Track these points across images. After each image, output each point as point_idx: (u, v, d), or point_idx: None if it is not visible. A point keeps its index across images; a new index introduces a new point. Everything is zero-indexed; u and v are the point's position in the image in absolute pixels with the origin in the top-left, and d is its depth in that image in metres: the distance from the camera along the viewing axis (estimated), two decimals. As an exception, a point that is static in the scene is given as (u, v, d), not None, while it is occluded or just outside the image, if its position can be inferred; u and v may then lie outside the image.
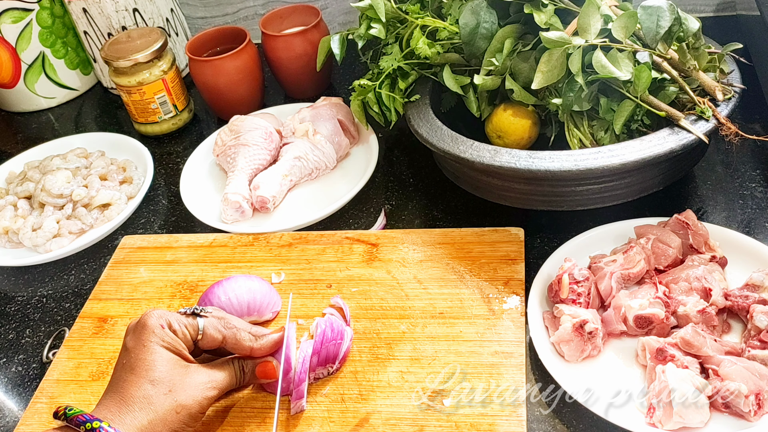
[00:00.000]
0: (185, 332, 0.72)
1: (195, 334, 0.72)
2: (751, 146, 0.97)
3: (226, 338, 0.74)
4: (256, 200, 1.00)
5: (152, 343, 0.69)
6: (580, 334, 0.74)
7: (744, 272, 0.79)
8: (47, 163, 1.14)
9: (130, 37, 1.20)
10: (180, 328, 0.71)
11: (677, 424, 0.67)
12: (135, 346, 0.70)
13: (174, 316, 0.72)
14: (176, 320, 0.72)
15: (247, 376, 0.75)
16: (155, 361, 0.68)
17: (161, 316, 0.71)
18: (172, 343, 0.70)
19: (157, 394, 0.67)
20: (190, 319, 0.73)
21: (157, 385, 0.68)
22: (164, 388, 0.68)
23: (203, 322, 0.73)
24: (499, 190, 0.91)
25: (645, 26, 0.84)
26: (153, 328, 0.70)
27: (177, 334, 0.71)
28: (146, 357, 0.69)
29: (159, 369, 0.68)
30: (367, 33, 1.01)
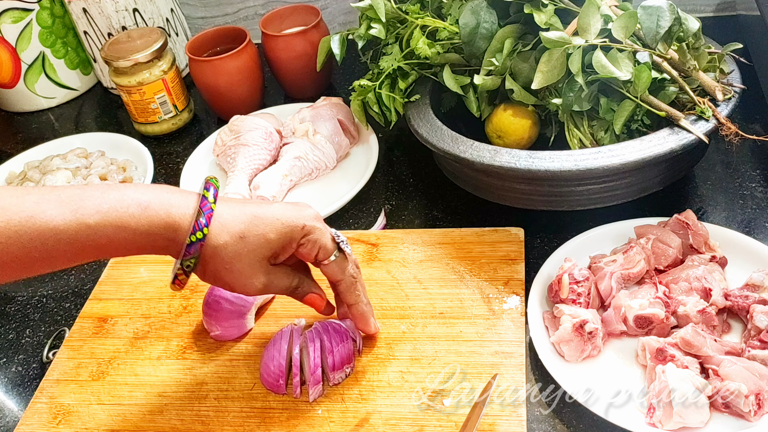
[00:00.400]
0: (313, 250, 0.73)
1: (323, 258, 0.74)
2: (751, 146, 0.97)
3: (343, 281, 0.76)
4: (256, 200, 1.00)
5: (282, 224, 0.71)
6: (580, 334, 0.74)
7: (744, 272, 0.79)
8: (47, 163, 1.14)
9: (130, 37, 1.20)
10: (312, 244, 0.72)
11: (677, 424, 0.67)
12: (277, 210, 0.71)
13: (323, 234, 0.73)
14: (318, 236, 0.72)
15: (298, 294, 0.76)
16: (261, 231, 0.70)
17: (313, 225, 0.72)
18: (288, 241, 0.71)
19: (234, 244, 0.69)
20: (330, 247, 0.74)
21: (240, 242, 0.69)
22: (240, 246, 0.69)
23: (334, 257, 0.74)
24: (499, 190, 0.91)
25: (645, 26, 0.84)
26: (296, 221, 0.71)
27: (302, 245, 0.72)
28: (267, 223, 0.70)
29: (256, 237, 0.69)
30: (367, 33, 1.01)
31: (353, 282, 0.77)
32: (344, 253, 0.75)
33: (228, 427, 0.76)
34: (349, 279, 0.76)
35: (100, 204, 0.65)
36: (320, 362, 0.76)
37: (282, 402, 0.77)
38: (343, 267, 0.75)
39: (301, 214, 0.72)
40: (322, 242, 0.73)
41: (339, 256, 0.75)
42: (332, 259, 0.74)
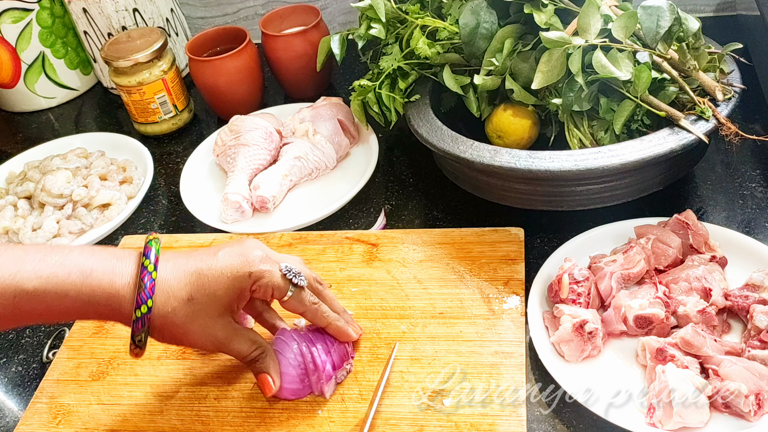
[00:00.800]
0: (268, 291, 0.72)
1: (280, 296, 0.73)
2: (751, 146, 0.97)
3: (307, 311, 0.75)
4: (256, 200, 1.00)
5: (227, 278, 0.70)
6: (580, 334, 0.74)
7: (744, 272, 0.79)
8: (47, 163, 1.14)
9: (130, 37, 1.20)
10: (265, 286, 0.72)
11: (677, 424, 0.67)
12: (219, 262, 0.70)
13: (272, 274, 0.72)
14: (269, 279, 0.71)
15: (253, 368, 0.74)
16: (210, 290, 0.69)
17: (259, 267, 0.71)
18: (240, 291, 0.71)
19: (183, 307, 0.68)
20: (282, 284, 0.73)
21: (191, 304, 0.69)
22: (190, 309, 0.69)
23: (291, 293, 0.73)
24: (499, 190, 0.91)
25: (645, 26, 0.84)
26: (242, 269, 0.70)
27: (257, 289, 0.72)
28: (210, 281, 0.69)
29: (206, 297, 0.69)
30: (367, 33, 1.01)
31: (316, 309, 0.75)
32: (298, 286, 0.74)
33: (228, 427, 0.76)
34: (311, 308, 0.75)
35: (40, 269, 0.63)
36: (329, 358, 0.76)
37: (282, 402, 0.77)
38: (300, 299, 0.74)
39: (247, 260, 0.71)
40: (274, 283, 0.72)
41: (294, 290, 0.74)
42: (289, 295, 0.73)
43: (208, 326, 0.70)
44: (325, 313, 0.76)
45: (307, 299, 0.75)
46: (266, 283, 0.72)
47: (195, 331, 0.70)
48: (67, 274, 0.64)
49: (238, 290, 0.71)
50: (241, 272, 0.70)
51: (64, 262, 0.65)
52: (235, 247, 0.72)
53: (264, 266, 0.72)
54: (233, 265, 0.70)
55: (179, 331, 0.70)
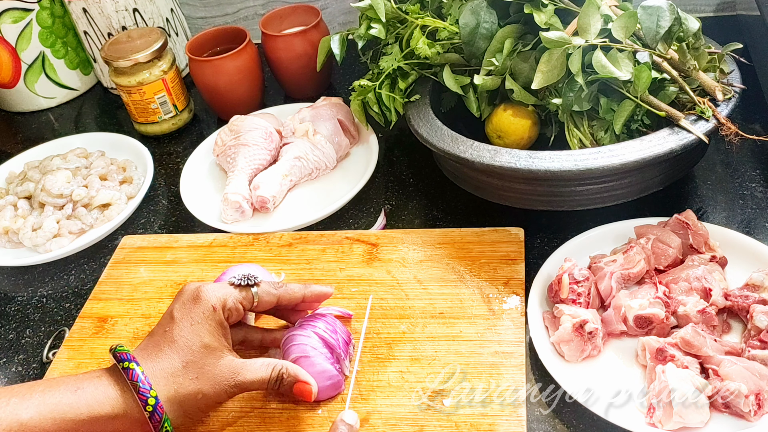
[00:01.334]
0: (239, 308, 0.73)
1: (250, 304, 0.74)
2: (751, 146, 0.97)
3: (281, 297, 0.76)
4: (256, 200, 1.00)
5: (199, 324, 0.70)
6: (580, 334, 0.74)
7: (744, 272, 0.79)
8: (47, 163, 1.14)
9: (130, 37, 1.20)
10: (234, 305, 0.72)
11: (677, 424, 0.67)
12: (182, 319, 0.70)
13: (230, 294, 0.72)
14: (232, 298, 0.72)
15: (284, 387, 0.72)
16: (195, 344, 0.69)
17: (217, 295, 0.71)
18: (219, 326, 0.71)
19: (185, 376, 0.68)
20: (245, 293, 0.73)
21: (189, 369, 0.68)
22: (193, 373, 0.68)
23: (257, 290, 0.74)
24: (499, 190, 0.91)
25: (645, 26, 0.84)
26: (205, 307, 0.70)
27: (229, 314, 0.72)
28: (188, 336, 0.69)
29: (196, 353, 0.69)
30: (367, 33, 1.01)
31: (285, 288, 0.76)
32: (256, 284, 0.74)
33: (228, 427, 0.76)
34: (280, 292, 0.76)
35: None
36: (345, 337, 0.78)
37: (282, 402, 0.77)
38: (267, 291, 0.75)
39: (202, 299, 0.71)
40: (237, 298, 0.72)
41: (256, 289, 0.74)
42: (256, 295, 0.74)
43: (217, 375, 0.69)
44: (296, 288, 0.77)
45: (272, 287, 0.76)
46: (232, 302, 0.72)
47: (208, 388, 0.69)
48: None
49: (218, 326, 0.71)
50: (207, 311, 0.70)
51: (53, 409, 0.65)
52: (181, 301, 0.72)
53: (219, 292, 0.72)
54: (196, 312, 0.70)
55: (197, 398, 0.69)
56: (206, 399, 0.69)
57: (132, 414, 0.67)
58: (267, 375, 0.71)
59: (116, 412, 0.66)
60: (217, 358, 0.70)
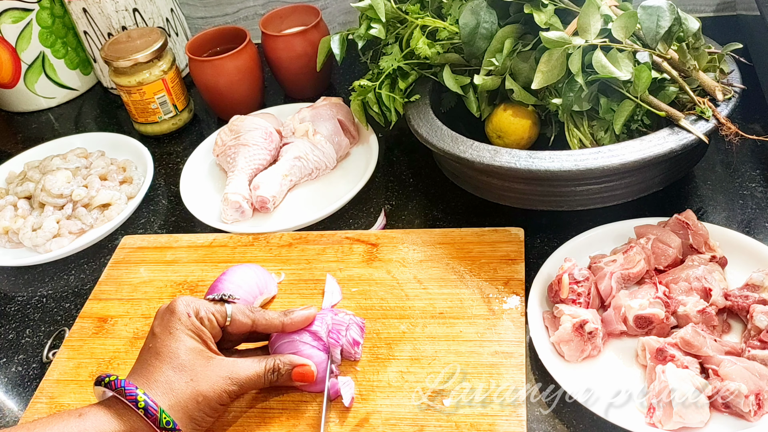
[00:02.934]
0: (212, 319, 0.73)
1: (223, 320, 0.74)
2: (751, 146, 0.97)
3: (256, 321, 0.75)
4: (256, 200, 1.00)
5: (178, 330, 0.71)
6: (580, 334, 0.74)
7: (744, 272, 0.79)
8: (47, 163, 1.14)
9: (130, 37, 1.20)
10: (207, 315, 0.73)
11: (677, 424, 0.67)
12: (162, 332, 0.71)
13: (203, 303, 0.74)
14: (204, 308, 0.73)
15: (283, 377, 0.74)
16: (179, 349, 0.70)
17: (189, 304, 0.73)
18: (198, 331, 0.72)
19: (178, 381, 0.69)
20: (218, 306, 0.74)
21: (180, 372, 0.69)
22: (186, 376, 0.69)
23: (231, 308, 0.74)
24: (499, 190, 0.91)
25: (645, 26, 0.84)
26: (180, 315, 0.72)
27: (203, 322, 0.73)
28: (171, 344, 0.70)
29: (182, 356, 0.70)
30: (367, 33, 1.01)
31: (263, 314, 0.76)
32: (231, 302, 0.75)
33: (228, 427, 0.76)
34: (258, 316, 0.76)
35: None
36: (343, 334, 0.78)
37: (282, 402, 0.77)
38: (242, 311, 0.75)
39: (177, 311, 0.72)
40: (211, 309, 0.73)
41: (231, 307, 0.75)
42: (230, 312, 0.74)
43: (210, 375, 0.70)
44: (274, 316, 0.76)
45: (249, 309, 0.76)
46: (205, 312, 0.73)
47: (206, 389, 0.69)
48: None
49: (197, 331, 0.72)
50: (183, 318, 0.72)
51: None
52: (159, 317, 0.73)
53: (191, 302, 0.73)
54: (173, 322, 0.72)
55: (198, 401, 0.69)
56: (207, 401, 0.69)
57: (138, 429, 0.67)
58: (261, 369, 0.72)
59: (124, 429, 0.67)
60: (205, 359, 0.71)
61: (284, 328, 0.76)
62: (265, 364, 0.73)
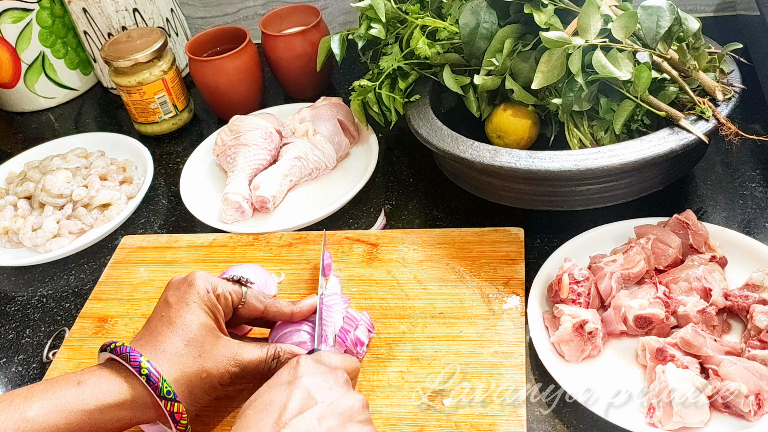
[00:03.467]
0: (228, 298, 0.74)
1: (238, 300, 0.75)
2: (751, 146, 0.97)
3: (267, 307, 0.77)
4: (256, 200, 1.00)
5: (195, 303, 0.71)
6: (580, 334, 0.74)
7: (744, 272, 0.79)
8: (47, 163, 1.14)
9: (130, 37, 1.20)
10: (224, 293, 0.74)
11: (677, 424, 0.67)
12: (177, 302, 0.72)
13: (220, 281, 0.74)
14: (222, 286, 0.74)
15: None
16: (193, 322, 0.70)
17: (208, 279, 0.73)
18: (213, 308, 0.72)
19: (187, 354, 0.69)
20: (235, 287, 0.75)
21: (190, 346, 0.69)
22: (195, 351, 0.70)
23: (246, 291, 0.76)
24: (499, 190, 0.91)
25: (645, 26, 0.84)
26: (198, 289, 0.72)
27: (220, 300, 0.73)
28: (186, 316, 0.71)
29: (195, 330, 0.70)
30: (367, 33, 1.01)
31: (274, 301, 0.77)
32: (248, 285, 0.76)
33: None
34: (270, 302, 0.77)
35: None
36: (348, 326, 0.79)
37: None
38: (256, 296, 0.77)
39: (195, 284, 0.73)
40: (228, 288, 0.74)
41: (247, 290, 0.76)
42: (245, 294, 0.75)
43: (217, 354, 0.70)
44: (284, 305, 0.78)
45: (262, 295, 0.77)
46: (223, 290, 0.74)
47: (211, 366, 0.70)
48: None
49: (213, 308, 0.72)
50: (202, 293, 0.72)
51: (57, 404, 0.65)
52: (174, 287, 0.74)
53: (210, 278, 0.74)
54: (191, 295, 0.72)
55: (202, 377, 0.69)
56: (210, 378, 0.70)
57: (141, 398, 0.67)
58: (264, 354, 0.73)
59: (123, 399, 0.67)
60: (215, 337, 0.71)
61: (293, 317, 0.78)
62: (268, 350, 0.74)
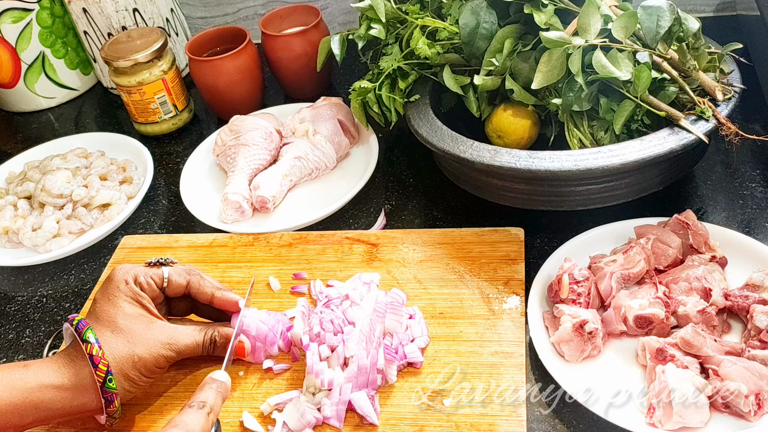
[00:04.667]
0: (151, 283, 0.77)
1: (161, 282, 0.78)
2: (751, 146, 0.97)
3: (190, 283, 0.79)
4: (256, 200, 1.00)
5: (116, 297, 0.75)
6: (580, 334, 0.74)
7: (744, 272, 0.79)
8: (47, 163, 1.14)
9: (130, 37, 1.20)
10: (145, 279, 0.76)
11: (677, 424, 0.67)
12: (101, 298, 0.75)
13: (140, 269, 0.77)
14: (143, 273, 0.77)
15: (218, 349, 0.78)
16: (117, 315, 0.74)
17: (128, 271, 0.76)
18: (136, 297, 0.75)
19: (115, 342, 0.72)
20: (155, 270, 0.78)
21: (117, 335, 0.73)
22: (123, 338, 0.73)
23: (167, 270, 0.78)
24: (499, 190, 0.91)
25: (645, 26, 0.84)
26: (118, 282, 0.75)
27: (143, 287, 0.76)
28: (109, 309, 0.74)
29: (120, 322, 0.73)
30: (367, 33, 1.01)
31: (198, 278, 0.80)
32: (169, 264, 0.79)
33: (227, 427, 0.76)
34: (193, 278, 0.79)
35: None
36: None
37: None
38: (179, 272, 0.79)
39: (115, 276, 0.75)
40: (149, 273, 0.77)
41: (168, 269, 0.78)
42: (167, 273, 0.78)
43: (149, 339, 0.74)
44: (208, 284, 0.80)
45: (185, 271, 0.79)
46: (144, 275, 0.76)
47: (142, 351, 0.73)
48: None
49: (135, 296, 0.75)
50: (120, 285, 0.75)
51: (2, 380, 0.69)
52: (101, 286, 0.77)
53: (129, 268, 0.77)
54: (111, 288, 0.75)
55: (134, 360, 0.72)
56: (143, 362, 0.73)
57: (79, 382, 0.70)
58: (200, 339, 0.77)
59: (62, 382, 0.70)
60: (145, 323, 0.74)
61: (213, 300, 0.80)
62: (204, 333, 0.77)
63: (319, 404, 0.75)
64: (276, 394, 0.77)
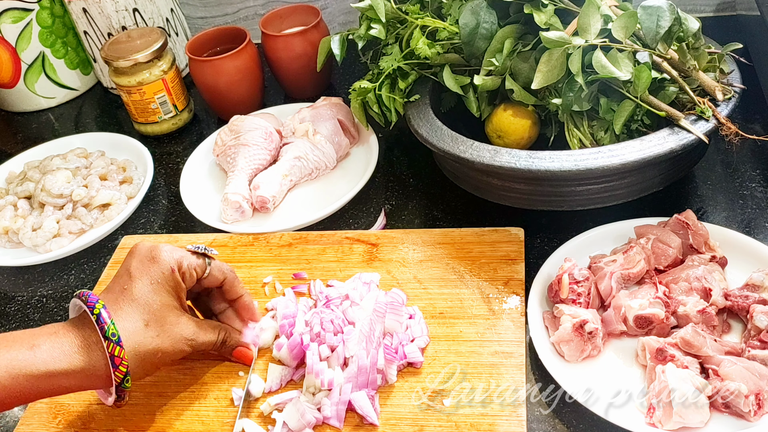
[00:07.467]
0: (193, 274, 0.76)
1: (202, 273, 0.77)
2: (751, 146, 0.97)
3: (227, 278, 0.79)
4: (256, 200, 1.00)
5: (159, 283, 0.72)
6: (580, 334, 0.74)
7: (744, 272, 0.79)
8: (47, 163, 1.14)
9: (130, 37, 1.20)
10: (189, 270, 0.75)
11: (677, 424, 0.67)
12: (141, 277, 0.72)
13: (186, 257, 0.75)
14: (187, 262, 0.75)
15: (226, 350, 0.79)
16: (155, 302, 0.72)
17: (173, 256, 0.74)
18: (177, 287, 0.74)
19: (146, 333, 0.71)
20: (200, 261, 0.77)
21: (150, 327, 0.71)
22: (154, 331, 0.71)
23: (211, 263, 0.77)
24: (499, 190, 0.91)
25: (645, 26, 0.84)
26: (164, 268, 0.73)
27: (185, 278, 0.75)
28: (148, 294, 0.72)
29: (157, 310, 0.72)
30: (367, 33, 1.01)
31: (234, 277, 0.80)
32: (211, 257, 0.78)
33: (228, 427, 0.76)
34: (230, 275, 0.80)
35: None
36: None
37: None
38: (220, 267, 0.79)
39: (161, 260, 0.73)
40: (193, 263, 0.76)
41: (210, 261, 0.78)
42: (209, 266, 0.77)
43: (176, 334, 0.73)
44: (241, 284, 0.81)
45: (225, 267, 0.79)
46: (188, 266, 0.75)
47: (168, 346, 0.72)
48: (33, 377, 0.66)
49: (176, 286, 0.74)
50: (166, 271, 0.73)
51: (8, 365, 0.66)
52: (138, 259, 0.74)
53: (176, 254, 0.75)
54: (155, 271, 0.73)
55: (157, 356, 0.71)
56: (165, 356, 0.72)
57: (90, 369, 0.68)
58: (215, 338, 0.76)
59: (73, 368, 0.67)
60: (176, 317, 0.73)
61: (239, 301, 0.81)
62: (219, 333, 0.77)
63: (319, 404, 0.75)
64: (276, 394, 0.77)
